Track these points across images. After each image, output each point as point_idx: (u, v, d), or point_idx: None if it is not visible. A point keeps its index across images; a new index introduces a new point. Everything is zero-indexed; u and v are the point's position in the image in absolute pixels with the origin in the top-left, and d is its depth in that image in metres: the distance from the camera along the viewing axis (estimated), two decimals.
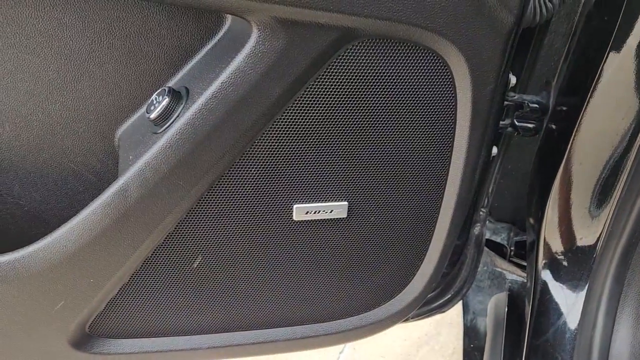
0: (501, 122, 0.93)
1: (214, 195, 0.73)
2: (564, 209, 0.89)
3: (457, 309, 1.29)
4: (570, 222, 0.89)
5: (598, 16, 0.83)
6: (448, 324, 1.92)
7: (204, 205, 0.73)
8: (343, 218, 0.80)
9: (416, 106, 0.71)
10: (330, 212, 0.78)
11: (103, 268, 0.74)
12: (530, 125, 0.95)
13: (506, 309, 1.20)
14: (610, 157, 0.81)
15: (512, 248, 1.24)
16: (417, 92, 0.70)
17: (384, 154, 0.75)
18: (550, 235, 0.93)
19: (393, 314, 0.94)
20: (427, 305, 1.11)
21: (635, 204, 0.80)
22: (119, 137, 0.74)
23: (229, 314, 0.87)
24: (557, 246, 0.93)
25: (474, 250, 1.06)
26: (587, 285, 0.89)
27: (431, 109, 0.71)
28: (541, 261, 0.96)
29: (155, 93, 0.68)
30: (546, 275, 0.95)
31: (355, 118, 0.70)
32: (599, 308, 0.87)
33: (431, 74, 0.68)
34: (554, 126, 0.92)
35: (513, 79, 0.83)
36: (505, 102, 0.88)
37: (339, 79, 0.67)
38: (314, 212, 0.77)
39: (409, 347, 1.90)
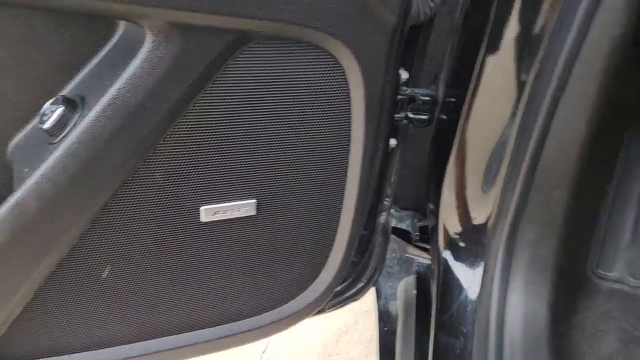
0: (396, 115, 0.98)
1: (118, 202, 0.71)
2: (458, 193, 0.96)
3: (373, 298, 1.34)
4: (464, 204, 0.95)
5: (474, 14, 0.91)
6: (365, 313, 1.99)
7: (108, 214, 0.72)
8: (252, 215, 0.81)
9: (313, 103, 0.74)
10: (239, 210, 0.79)
11: (2, 288, 0.71)
12: (424, 117, 1.00)
13: (415, 291, 1.26)
14: (495, 142, 0.88)
15: (416, 233, 1.29)
16: (312, 89, 0.72)
17: (285, 150, 0.77)
18: (448, 218, 0.99)
19: (307, 305, 0.97)
20: (341, 295, 1.14)
21: (517, 182, 0.87)
22: (11, 151, 0.71)
23: (142, 322, 0.85)
24: (454, 228, 0.99)
25: (381, 238, 1.11)
26: (483, 262, 0.95)
27: (327, 105, 0.75)
28: (442, 243, 1.02)
29: (48, 102, 0.66)
30: (447, 255, 1.01)
31: (256, 117, 0.72)
32: (494, 280, 0.94)
33: (325, 72, 0.71)
34: (444, 116, 0.99)
35: (405, 74, 0.88)
36: (399, 96, 0.93)
37: (238, 80, 0.68)
38: (223, 212, 0.78)
39: (330, 339, 1.95)
